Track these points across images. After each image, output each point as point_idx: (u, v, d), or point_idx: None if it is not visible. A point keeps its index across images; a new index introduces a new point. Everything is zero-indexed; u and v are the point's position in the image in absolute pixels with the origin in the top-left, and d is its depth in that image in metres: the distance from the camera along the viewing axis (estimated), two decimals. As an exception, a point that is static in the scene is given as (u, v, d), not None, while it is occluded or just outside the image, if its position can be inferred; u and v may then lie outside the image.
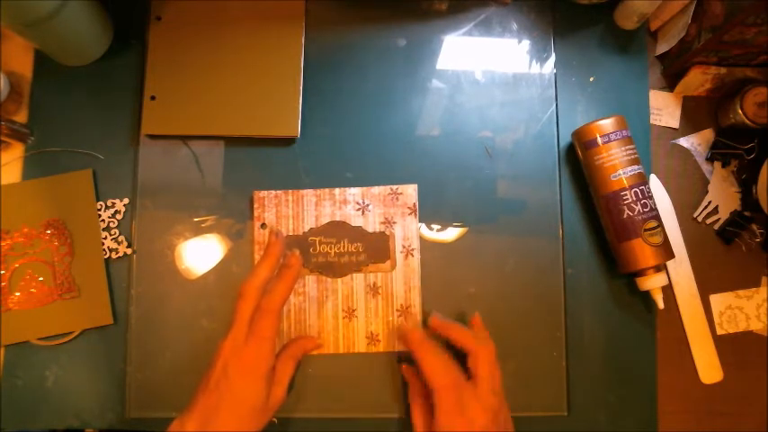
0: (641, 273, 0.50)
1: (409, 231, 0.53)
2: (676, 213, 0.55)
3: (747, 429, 0.53)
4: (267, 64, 0.54)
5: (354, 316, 0.52)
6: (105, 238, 0.53)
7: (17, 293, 0.52)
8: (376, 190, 0.53)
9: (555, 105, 0.56)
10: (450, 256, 0.53)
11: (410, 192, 0.53)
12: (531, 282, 0.53)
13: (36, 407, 0.51)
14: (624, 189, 0.50)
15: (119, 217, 0.53)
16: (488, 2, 0.57)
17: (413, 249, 0.52)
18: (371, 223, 0.53)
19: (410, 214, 0.53)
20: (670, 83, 0.57)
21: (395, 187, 0.53)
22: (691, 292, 0.54)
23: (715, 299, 0.54)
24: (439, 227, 0.54)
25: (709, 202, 0.55)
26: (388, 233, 0.52)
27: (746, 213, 0.54)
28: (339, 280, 0.52)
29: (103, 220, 0.53)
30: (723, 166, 0.56)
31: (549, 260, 0.54)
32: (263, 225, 0.52)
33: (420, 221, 0.53)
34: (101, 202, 0.53)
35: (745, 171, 0.55)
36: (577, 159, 0.54)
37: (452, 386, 0.43)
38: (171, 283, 0.53)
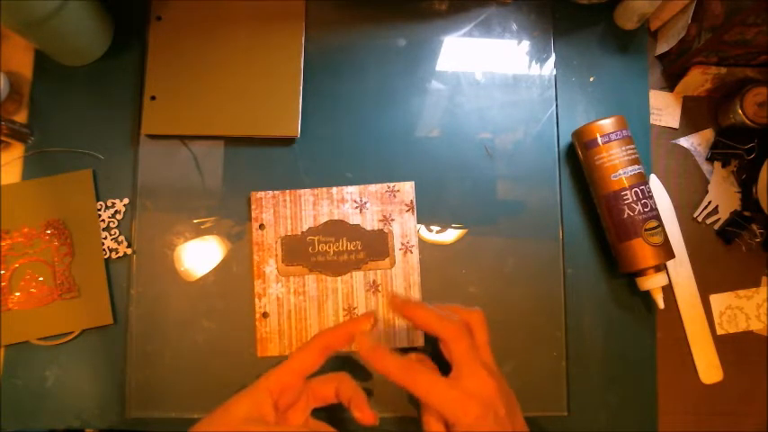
0: (641, 273, 0.50)
1: (407, 228, 0.53)
2: (676, 213, 0.55)
3: (747, 429, 0.53)
4: (267, 64, 0.54)
5: (355, 314, 0.52)
6: (105, 238, 0.53)
7: (17, 293, 0.52)
8: (373, 188, 0.53)
9: (555, 105, 0.56)
10: (449, 257, 0.53)
11: (407, 189, 0.53)
12: (531, 282, 0.53)
13: (36, 407, 0.51)
14: (624, 189, 0.50)
15: (119, 217, 0.53)
16: (488, 2, 0.57)
17: (411, 246, 0.52)
18: (369, 221, 0.53)
19: (408, 211, 0.53)
20: (670, 83, 0.57)
21: (392, 185, 0.53)
22: (691, 292, 0.54)
23: (715, 299, 0.54)
24: (439, 228, 0.54)
25: (709, 202, 0.55)
26: (386, 230, 0.52)
27: (746, 213, 0.54)
28: (339, 278, 0.52)
29: (103, 220, 0.53)
30: (723, 166, 0.56)
31: (549, 260, 0.54)
32: (262, 226, 0.52)
33: (419, 223, 0.53)
34: (101, 202, 0.53)
35: (745, 171, 0.55)
36: (577, 159, 0.54)
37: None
38: (171, 283, 0.53)
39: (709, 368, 0.53)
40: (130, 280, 0.53)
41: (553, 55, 0.57)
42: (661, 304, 0.51)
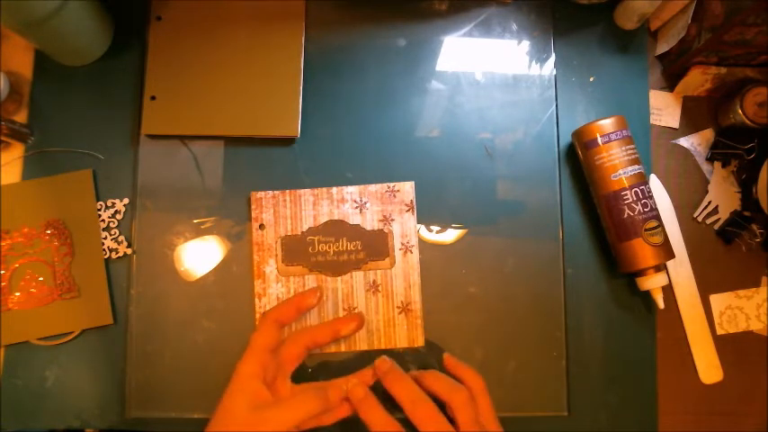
0: (641, 273, 0.50)
1: (407, 228, 0.53)
2: (676, 213, 0.55)
3: (747, 429, 0.53)
4: (267, 64, 0.54)
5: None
6: (105, 238, 0.53)
7: (17, 293, 0.52)
8: (373, 188, 0.53)
9: (555, 105, 0.56)
10: (449, 257, 0.53)
11: (407, 189, 0.53)
12: (531, 282, 0.53)
13: (36, 407, 0.51)
14: (624, 189, 0.50)
15: (119, 217, 0.53)
16: (488, 2, 0.57)
17: (411, 246, 0.52)
18: (369, 221, 0.53)
19: (408, 211, 0.53)
20: (670, 83, 0.57)
21: (392, 185, 0.53)
22: (691, 292, 0.54)
23: (715, 299, 0.54)
24: (439, 228, 0.54)
25: (709, 202, 0.55)
26: (386, 231, 0.52)
27: (746, 213, 0.54)
28: (339, 278, 0.52)
29: (103, 220, 0.53)
30: (723, 166, 0.56)
31: (549, 260, 0.54)
32: (262, 226, 0.52)
33: (419, 223, 0.53)
34: (101, 202, 0.53)
35: (745, 171, 0.55)
36: (577, 159, 0.54)
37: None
38: (171, 283, 0.53)
39: (709, 368, 0.53)
40: (130, 280, 0.53)
41: (553, 55, 0.57)
42: (661, 304, 0.51)
